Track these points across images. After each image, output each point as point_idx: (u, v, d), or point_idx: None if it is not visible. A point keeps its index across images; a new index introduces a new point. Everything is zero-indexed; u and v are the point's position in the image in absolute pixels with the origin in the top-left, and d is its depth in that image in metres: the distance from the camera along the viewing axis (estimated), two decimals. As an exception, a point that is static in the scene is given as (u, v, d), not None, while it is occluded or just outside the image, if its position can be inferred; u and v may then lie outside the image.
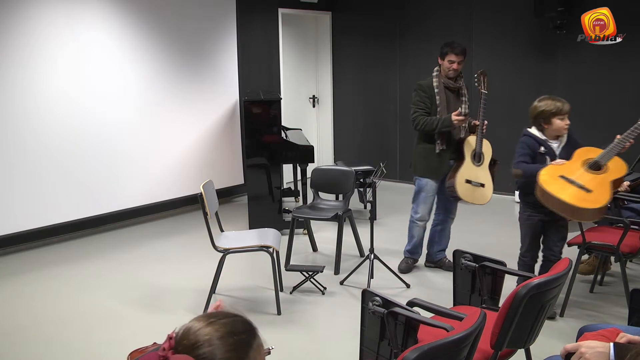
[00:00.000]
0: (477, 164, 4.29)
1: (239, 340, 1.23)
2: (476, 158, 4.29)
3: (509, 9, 6.71)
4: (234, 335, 1.23)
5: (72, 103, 5.39)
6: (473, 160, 4.29)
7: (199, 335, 1.22)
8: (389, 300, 2.31)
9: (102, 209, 5.71)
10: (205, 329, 1.23)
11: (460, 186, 4.22)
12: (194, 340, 1.22)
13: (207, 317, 1.27)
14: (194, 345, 1.21)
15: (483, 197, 4.31)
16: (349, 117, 8.40)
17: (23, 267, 4.86)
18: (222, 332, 1.22)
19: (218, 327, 1.23)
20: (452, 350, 1.91)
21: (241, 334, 1.24)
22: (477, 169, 4.29)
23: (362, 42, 8.06)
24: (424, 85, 4.38)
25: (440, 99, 4.32)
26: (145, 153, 6.03)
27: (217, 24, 6.60)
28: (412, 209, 4.59)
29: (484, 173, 4.32)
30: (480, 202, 4.32)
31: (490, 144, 4.36)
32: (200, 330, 1.23)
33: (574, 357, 1.69)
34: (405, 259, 4.68)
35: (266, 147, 5.62)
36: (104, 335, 3.59)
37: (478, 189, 4.28)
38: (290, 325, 3.69)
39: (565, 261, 2.51)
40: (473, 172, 4.28)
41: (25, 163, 5.11)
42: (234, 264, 4.47)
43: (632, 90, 6.09)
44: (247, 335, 1.25)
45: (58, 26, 5.21)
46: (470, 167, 4.27)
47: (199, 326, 1.24)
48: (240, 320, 1.28)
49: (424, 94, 4.34)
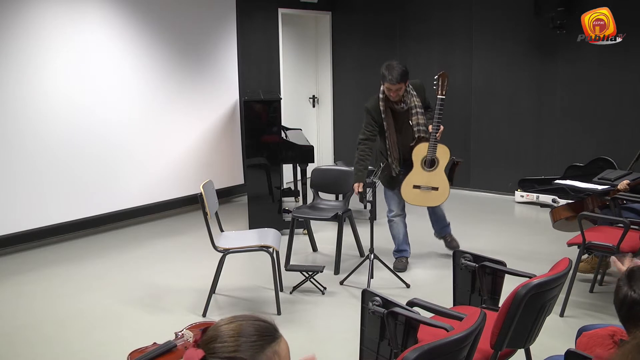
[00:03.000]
0: (428, 169, 4.39)
1: (255, 342, 1.24)
2: (427, 164, 4.38)
3: (509, 9, 6.71)
4: (252, 335, 1.25)
5: (72, 103, 5.38)
6: (424, 167, 4.39)
7: (220, 330, 1.27)
8: (389, 300, 2.31)
9: (102, 209, 5.71)
10: (227, 326, 1.27)
11: (407, 193, 4.44)
12: (213, 334, 1.27)
13: (233, 316, 1.31)
14: (211, 339, 1.26)
15: (437, 199, 4.48)
16: (349, 117, 8.40)
17: (23, 267, 4.86)
18: (242, 332, 1.25)
19: (238, 326, 1.27)
20: (452, 350, 1.91)
21: (260, 336, 1.26)
22: (428, 174, 4.39)
23: (362, 42, 8.06)
24: (370, 108, 4.39)
25: (387, 122, 4.34)
26: (146, 153, 6.03)
27: (217, 24, 6.60)
28: (386, 211, 4.70)
29: (438, 177, 4.40)
30: (434, 203, 4.56)
31: (448, 147, 4.39)
32: (222, 327, 1.28)
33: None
34: (397, 259, 4.71)
35: (266, 147, 5.62)
36: (104, 335, 3.59)
37: (430, 192, 4.42)
38: (290, 325, 3.69)
39: (565, 261, 2.51)
40: (424, 177, 4.40)
41: (25, 163, 5.11)
42: (234, 264, 4.47)
43: (632, 90, 6.09)
44: (266, 339, 1.26)
45: (59, 26, 5.21)
46: (419, 173, 4.41)
47: (223, 323, 1.29)
48: (264, 324, 1.29)
49: (370, 117, 4.38)
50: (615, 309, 1.60)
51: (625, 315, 1.53)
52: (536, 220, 6.17)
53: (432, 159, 4.35)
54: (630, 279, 1.54)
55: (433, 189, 4.41)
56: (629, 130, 6.13)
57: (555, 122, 6.63)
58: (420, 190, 4.41)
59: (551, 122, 6.66)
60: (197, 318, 3.71)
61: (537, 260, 4.55)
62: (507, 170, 6.91)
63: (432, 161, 4.36)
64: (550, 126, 6.69)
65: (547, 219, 4.74)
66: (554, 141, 6.68)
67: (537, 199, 6.57)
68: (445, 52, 7.26)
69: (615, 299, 1.58)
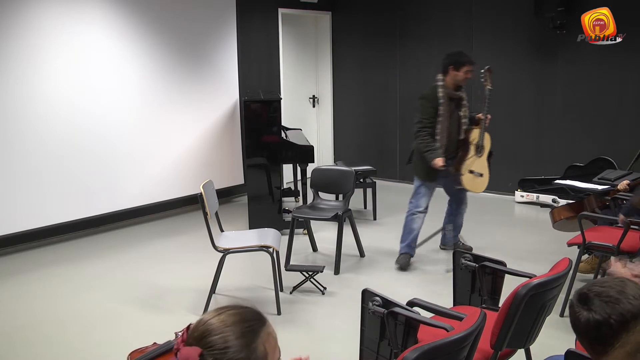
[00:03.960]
0: (478, 155, 4.58)
1: (248, 327, 1.28)
2: (478, 150, 4.57)
3: (509, 9, 6.71)
4: (242, 322, 1.28)
5: (72, 104, 5.38)
6: (475, 152, 4.58)
7: (209, 324, 1.28)
8: (389, 300, 2.31)
9: (102, 209, 5.71)
10: (214, 319, 1.29)
11: (464, 176, 4.56)
12: (204, 329, 1.28)
13: (216, 309, 1.33)
14: (203, 334, 1.27)
15: (481, 186, 4.67)
16: (349, 117, 8.40)
17: (23, 267, 4.86)
18: (231, 321, 1.28)
19: (226, 317, 1.29)
20: (452, 350, 1.91)
21: (249, 321, 1.29)
22: (477, 159, 4.59)
23: (362, 42, 8.06)
24: (429, 95, 4.49)
25: (444, 109, 4.44)
26: (146, 153, 6.02)
27: (217, 24, 6.60)
28: (410, 203, 4.71)
29: (483, 164, 4.63)
30: (477, 190, 4.69)
31: (490, 138, 4.66)
32: (210, 321, 1.29)
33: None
34: (403, 255, 4.69)
35: (266, 147, 5.62)
36: (104, 335, 3.59)
37: (477, 179, 4.60)
38: (290, 325, 3.69)
39: (565, 261, 2.51)
40: (475, 162, 4.58)
41: (25, 163, 5.10)
42: (234, 264, 4.47)
43: (632, 90, 6.09)
44: (255, 323, 1.30)
45: (58, 26, 5.21)
46: (473, 158, 4.57)
47: (208, 317, 1.30)
48: (248, 310, 1.33)
49: (429, 105, 4.46)
50: (579, 337, 1.52)
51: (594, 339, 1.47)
52: (536, 220, 6.16)
53: (481, 145, 4.57)
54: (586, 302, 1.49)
55: (480, 176, 4.59)
56: (629, 130, 6.12)
57: (555, 122, 6.63)
58: (473, 175, 4.57)
59: (551, 122, 6.66)
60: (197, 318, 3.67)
61: (537, 260, 4.55)
62: (507, 170, 6.91)
63: (481, 148, 4.57)
64: (550, 126, 6.69)
65: (547, 219, 4.74)
66: (554, 141, 6.68)
67: (537, 199, 6.57)
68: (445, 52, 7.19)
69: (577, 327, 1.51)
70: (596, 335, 1.47)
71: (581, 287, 1.56)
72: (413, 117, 4.62)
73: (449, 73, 4.46)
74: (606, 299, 1.47)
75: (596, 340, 1.47)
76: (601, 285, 1.51)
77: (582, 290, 1.53)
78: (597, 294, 1.49)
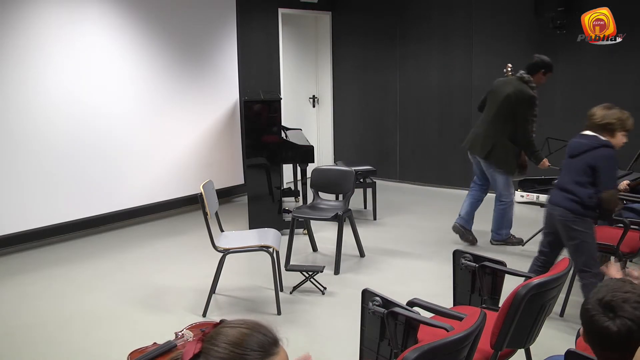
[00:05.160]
0: None
1: (239, 355, 1.24)
2: None
3: (509, 9, 6.71)
4: (240, 347, 1.24)
5: (72, 104, 5.38)
6: None
7: (220, 332, 1.28)
8: (389, 300, 2.31)
9: (102, 209, 5.71)
10: (227, 329, 1.28)
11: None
12: (214, 332, 1.28)
13: (241, 320, 1.31)
14: (211, 337, 1.27)
15: None
16: (349, 117, 8.40)
17: (24, 267, 4.87)
18: (231, 341, 1.25)
19: (235, 333, 1.26)
20: (452, 350, 1.91)
21: (247, 349, 1.25)
22: None
23: (362, 43, 8.06)
24: (532, 95, 4.70)
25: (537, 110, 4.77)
26: (146, 153, 6.03)
27: (217, 24, 6.60)
28: (500, 196, 5.06)
29: None
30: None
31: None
32: (223, 329, 1.28)
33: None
34: (510, 237, 5.17)
35: (266, 147, 5.62)
36: (105, 335, 3.60)
37: None
38: (290, 325, 3.69)
39: (565, 261, 2.51)
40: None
41: (26, 164, 5.10)
42: (234, 264, 4.47)
43: (632, 90, 6.09)
44: (253, 353, 1.25)
45: (60, 26, 5.21)
46: None
47: (227, 325, 1.30)
48: (259, 338, 1.28)
49: (535, 105, 4.74)
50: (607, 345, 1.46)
51: (624, 345, 1.41)
52: (536, 220, 6.15)
53: None
54: (613, 309, 1.44)
55: None
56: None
57: (555, 122, 6.63)
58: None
59: (551, 122, 6.66)
60: (197, 318, 3.71)
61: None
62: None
63: None
64: (550, 126, 6.68)
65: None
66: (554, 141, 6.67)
67: (537, 199, 6.57)
68: (445, 52, 7.26)
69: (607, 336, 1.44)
70: (628, 341, 1.43)
71: (596, 295, 1.52)
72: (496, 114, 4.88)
73: (537, 74, 4.69)
74: (635, 304, 1.45)
75: (626, 346, 1.42)
76: (622, 291, 1.49)
77: (603, 298, 1.49)
78: (624, 300, 1.46)
